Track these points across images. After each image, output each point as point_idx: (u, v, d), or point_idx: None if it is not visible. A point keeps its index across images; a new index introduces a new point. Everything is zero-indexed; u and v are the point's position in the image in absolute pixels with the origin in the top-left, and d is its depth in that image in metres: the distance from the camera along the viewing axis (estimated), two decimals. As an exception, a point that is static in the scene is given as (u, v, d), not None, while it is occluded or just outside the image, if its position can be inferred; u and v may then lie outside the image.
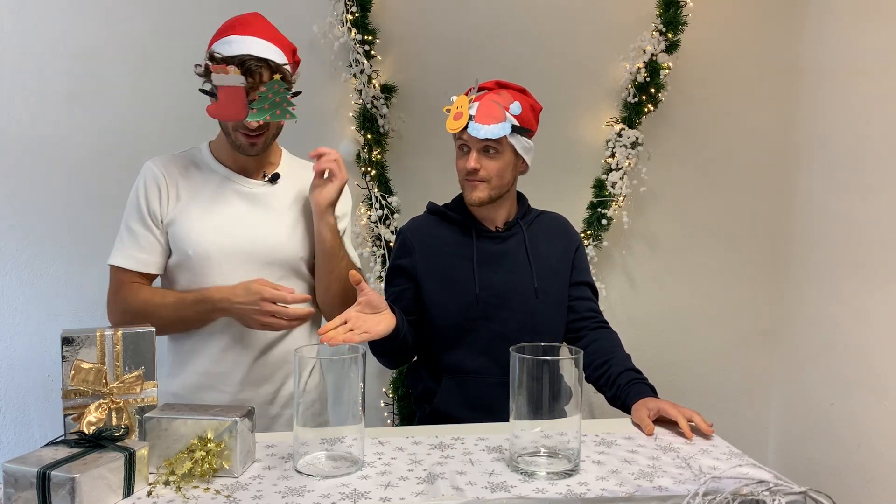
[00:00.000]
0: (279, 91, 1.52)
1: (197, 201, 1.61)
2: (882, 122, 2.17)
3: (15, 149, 2.30)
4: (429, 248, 1.76)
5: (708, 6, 2.49)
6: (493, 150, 1.65)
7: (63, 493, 1.04)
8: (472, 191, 1.68)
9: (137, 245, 1.61)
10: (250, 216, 1.63)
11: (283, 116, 1.54)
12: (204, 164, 1.66)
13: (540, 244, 1.76)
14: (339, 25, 2.34)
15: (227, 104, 1.51)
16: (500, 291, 1.70)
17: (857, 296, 2.27)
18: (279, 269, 1.63)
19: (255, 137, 1.57)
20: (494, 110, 1.62)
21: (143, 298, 1.60)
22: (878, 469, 2.17)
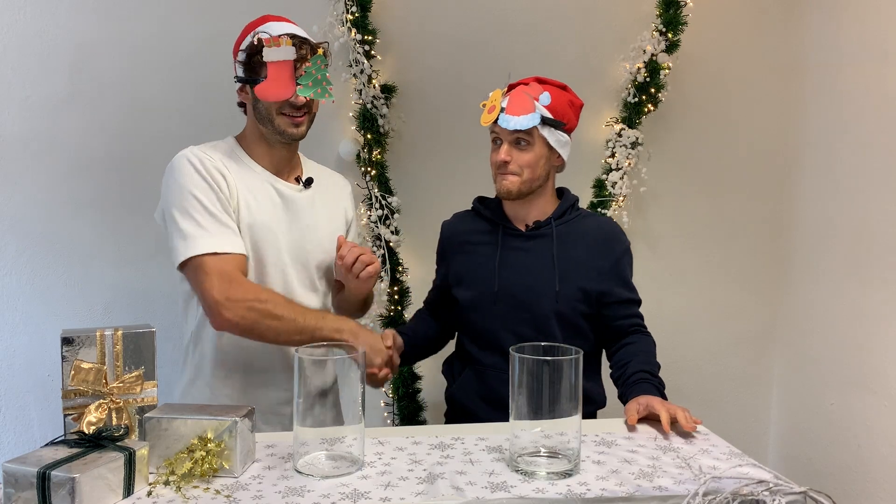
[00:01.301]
0: (321, 68, 1.56)
1: (252, 197, 1.59)
2: (882, 122, 2.17)
3: (15, 149, 2.30)
4: (458, 245, 1.82)
5: (708, 6, 2.49)
6: (524, 142, 1.65)
7: (63, 493, 1.04)
8: (503, 182, 1.68)
9: (224, 227, 1.50)
10: (294, 220, 1.64)
11: (325, 95, 1.57)
12: (241, 160, 1.63)
13: (573, 247, 1.70)
14: (339, 25, 2.34)
15: (278, 81, 1.53)
16: (519, 292, 1.69)
17: (857, 296, 2.27)
18: (320, 269, 1.68)
19: (299, 118, 1.58)
20: (524, 101, 1.63)
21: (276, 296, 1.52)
22: (878, 469, 2.17)
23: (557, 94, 1.67)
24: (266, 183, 1.63)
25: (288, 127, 1.59)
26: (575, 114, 1.73)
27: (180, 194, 1.50)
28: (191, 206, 1.49)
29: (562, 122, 1.68)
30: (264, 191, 1.62)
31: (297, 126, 1.59)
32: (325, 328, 1.52)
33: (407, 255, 2.47)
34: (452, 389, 1.80)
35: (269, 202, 1.62)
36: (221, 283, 1.45)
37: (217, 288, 1.45)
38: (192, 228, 1.48)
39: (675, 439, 1.41)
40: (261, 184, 1.62)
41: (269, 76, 1.53)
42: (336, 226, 1.75)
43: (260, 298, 1.48)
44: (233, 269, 1.48)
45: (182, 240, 1.48)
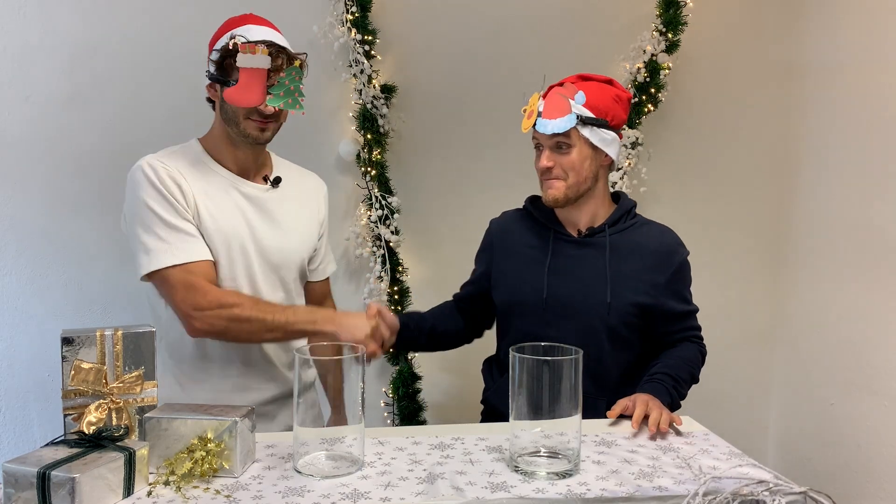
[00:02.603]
0: (295, 79, 1.55)
1: (211, 201, 1.58)
2: (882, 122, 2.17)
3: (15, 149, 2.30)
4: (507, 246, 1.76)
5: (708, 6, 2.49)
6: (564, 145, 1.59)
7: (63, 493, 1.04)
8: (549, 189, 1.63)
9: (186, 235, 1.52)
10: (259, 221, 1.63)
11: (295, 106, 1.56)
12: (203, 164, 1.62)
13: (628, 257, 1.63)
14: (339, 25, 2.34)
15: (249, 88, 1.51)
16: (568, 301, 1.62)
17: (858, 296, 2.27)
18: (289, 271, 1.67)
19: (266, 123, 1.57)
20: (560, 103, 1.58)
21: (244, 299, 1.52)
22: (878, 469, 2.17)
23: (596, 91, 1.60)
24: (229, 186, 1.62)
25: (253, 131, 1.57)
26: (623, 108, 1.65)
27: (138, 207, 1.52)
28: (149, 219, 1.50)
29: (603, 119, 1.60)
30: (226, 194, 1.60)
31: (262, 131, 1.58)
32: (298, 321, 1.53)
33: (407, 255, 2.47)
34: (489, 394, 1.76)
35: (231, 205, 1.60)
36: (187, 294, 1.48)
37: (183, 300, 1.49)
38: (152, 242, 1.49)
39: (675, 439, 1.41)
40: (223, 187, 1.61)
41: (241, 81, 1.51)
42: (309, 227, 1.72)
43: (225, 304, 1.49)
44: (196, 278, 1.49)
45: (145, 254, 1.50)
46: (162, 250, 1.49)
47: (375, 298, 2.46)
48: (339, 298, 1.99)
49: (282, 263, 1.65)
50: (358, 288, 2.50)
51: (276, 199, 1.67)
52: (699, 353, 1.72)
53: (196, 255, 1.51)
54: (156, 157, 1.57)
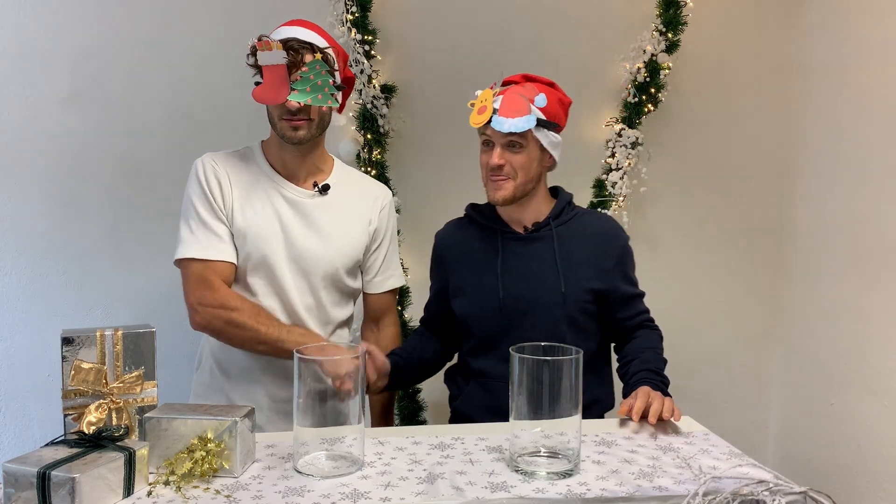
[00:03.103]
0: (320, 73, 1.54)
1: (251, 203, 1.63)
2: (882, 122, 2.17)
3: (15, 149, 2.30)
4: (455, 256, 1.77)
5: (708, 6, 2.49)
6: (517, 144, 1.60)
7: (63, 493, 1.04)
8: (497, 190, 1.63)
9: (211, 234, 1.60)
10: (298, 226, 1.65)
11: (325, 102, 1.55)
12: (254, 164, 1.68)
13: (574, 246, 1.68)
14: (339, 25, 2.34)
15: (270, 85, 1.53)
16: (526, 298, 1.65)
17: (858, 296, 2.27)
18: (321, 278, 1.68)
19: (297, 121, 1.57)
20: (519, 103, 1.58)
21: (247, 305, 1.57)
22: (878, 469, 2.17)
23: (550, 95, 1.64)
24: (273, 188, 1.66)
25: (287, 131, 1.59)
26: (565, 112, 1.70)
27: (185, 199, 1.64)
28: (188, 211, 1.62)
29: (557, 123, 1.65)
30: (267, 196, 1.64)
31: (294, 130, 1.59)
32: (289, 341, 1.55)
33: (407, 255, 2.47)
34: (457, 403, 1.75)
35: (269, 207, 1.64)
36: (197, 287, 1.57)
37: (193, 292, 1.57)
38: (185, 233, 1.61)
39: (675, 439, 1.41)
40: (265, 189, 1.65)
41: (264, 80, 1.54)
42: (353, 237, 1.72)
43: (228, 306, 1.55)
44: (211, 275, 1.57)
45: (179, 242, 1.61)
46: (189, 242, 1.59)
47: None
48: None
49: (313, 270, 1.66)
50: (358, 288, 2.50)
51: (321, 205, 1.68)
52: (659, 338, 1.74)
53: (217, 255, 1.59)
54: (210, 155, 1.66)
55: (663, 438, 1.41)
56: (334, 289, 1.72)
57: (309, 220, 1.66)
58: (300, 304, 1.67)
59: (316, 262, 1.66)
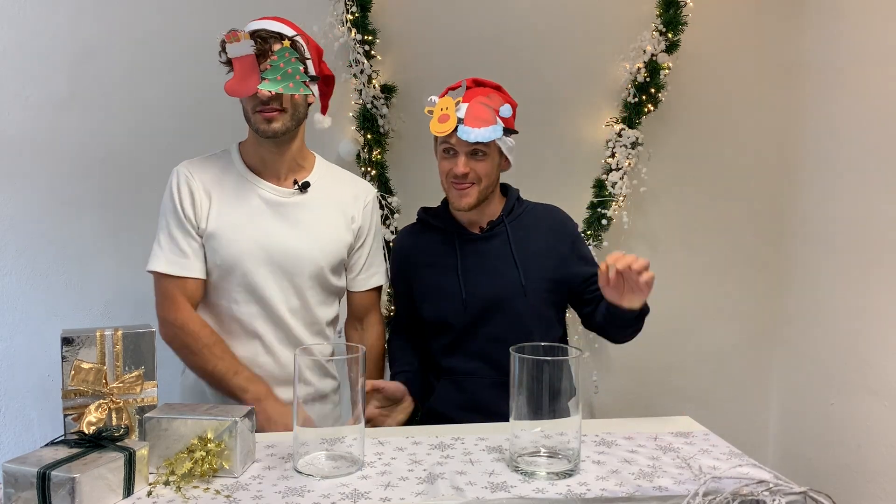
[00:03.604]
0: (290, 61, 1.53)
1: (226, 208, 1.62)
2: (883, 122, 2.17)
3: (15, 149, 2.30)
4: (414, 263, 1.78)
5: (708, 6, 2.49)
6: (481, 153, 1.63)
7: (63, 493, 1.04)
8: (462, 197, 1.66)
9: (178, 250, 1.61)
10: (276, 226, 1.64)
11: (297, 89, 1.54)
12: (234, 170, 1.66)
13: (529, 239, 1.72)
14: (339, 25, 2.34)
15: (241, 77, 1.52)
16: (488, 295, 1.68)
17: (858, 296, 2.27)
18: (306, 278, 1.66)
19: (271, 112, 1.56)
20: (484, 113, 1.60)
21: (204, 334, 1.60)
22: (878, 469, 2.17)
23: (510, 101, 1.67)
24: (251, 189, 1.64)
25: (261, 123, 1.57)
26: (514, 116, 1.71)
27: (160, 210, 1.66)
28: (161, 224, 1.65)
29: (513, 129, 1.67)
30: (245, 199, 1.63)
31: (269, 122, 1.57)
32: (233, 383, 1.58)
33: (407, 255, 2.47)
34: (430, 403, 1.75)
35: (245, 211, 1.62)
36: (163, 302, 1.62)
37: (159, 305, 1.63)
38: (156, 246, 1.63)
39: (675, 439, 1.41)
40: (243, 191, 1.63)
41: (234, 72, 1.53)
42: (337, 234, 1.70)
43: (186, 329, 1.59)
44: (176, 292, 1.61)
45: (151, 253, 1.64)
46: (158, 256, 1.62)
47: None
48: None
49: (297, 270, 1.64)
50: (358, 288, 2.50)
51: (301, 203, 1.67)
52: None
53: (182, 271, 1.61)
54: (186, 164, 1.66)
55: (663, 438, 1.41)
56: (320, 288, 1.70)
57: (290, 219, 1.65)
58: (284, 308, 1.64)
59: (299, 262, 1.64)
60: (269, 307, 1.63)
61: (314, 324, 1.71)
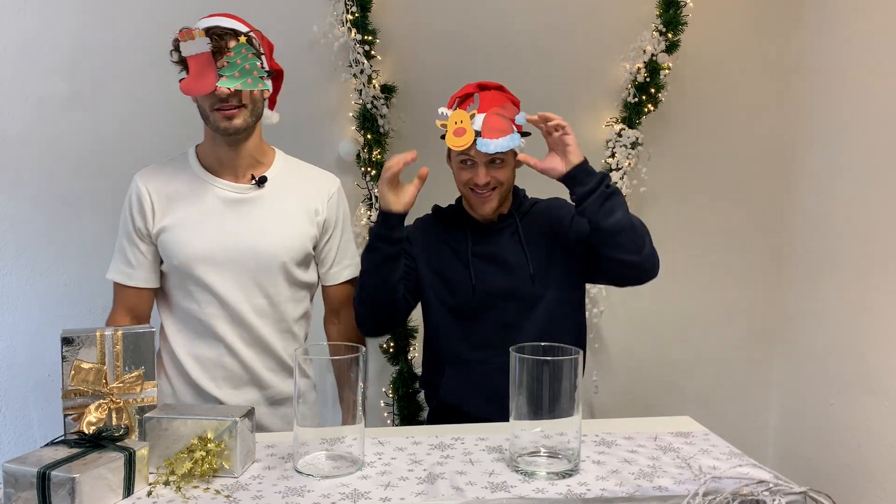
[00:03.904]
0: (247, 56, 1.51)
1: (182, 211, 1.61)
2: (882, 122, 2.17)
3: (15, 149, 2.30)
4: (428, 245, 1.79)
5: (708, 6, 2.49)
6: (499, 160, 1.66)
7: (63, 493, 1.04)
8: (484, 204, 1.68)
9: (125, 260, 1.66)
10: (234, 223, 1.61)
11: (255, 85, 1.52)
12: (189, 171, 1.65)
13: (535, 230, 1.75)
14: (339, 25, 2.34)
15: (197, 75, 1.50)
16: (498, 282, 1.70)
17: (857, 296, 2.27)
18: (269, 274, 1.63)
19: (230, 109, 1.53)
20: (501, 123, 1.62)
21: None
22: (878, 469, 2.17)
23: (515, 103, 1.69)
24: (206, 190, 1.62)
25: (221, 121, 1.55)
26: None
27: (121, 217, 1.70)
28: (119, 231, 1.69)
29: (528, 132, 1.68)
30: (199, 200, 1.61)
31: (229, 119, 1.54)
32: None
33: (407, 255, 2.47)
34: (441, 394, 1.75)
35: (199, 212, 1.61)
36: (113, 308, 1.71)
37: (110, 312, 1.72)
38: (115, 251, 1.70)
39: (675, 439, 1.41)
40: (198, 193, 1.62)
41: (190, 71, 1.51)
42: (299, 228, 1.67)
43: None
44: (118, 300, 1.69)
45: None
46: (112, 263, 1.69)
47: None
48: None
49: (257, 267, 1.61)
50: (358, 288, 2.50)
51: (260, 198, 1.64)
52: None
53: (126, 280, 1.66)
54: (140, 174, 1.67)
55: (663, 438, 1.41)
56: (286, 284, 1.66)
57: (247, 216, 1.62)
58: (246, 307, 1.61)
59: (260, 258, 1.61)
60: (229, 307, 1.61)
61: (281, 321, 1.67)
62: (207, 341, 1.62)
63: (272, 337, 1.66)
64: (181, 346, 1.64)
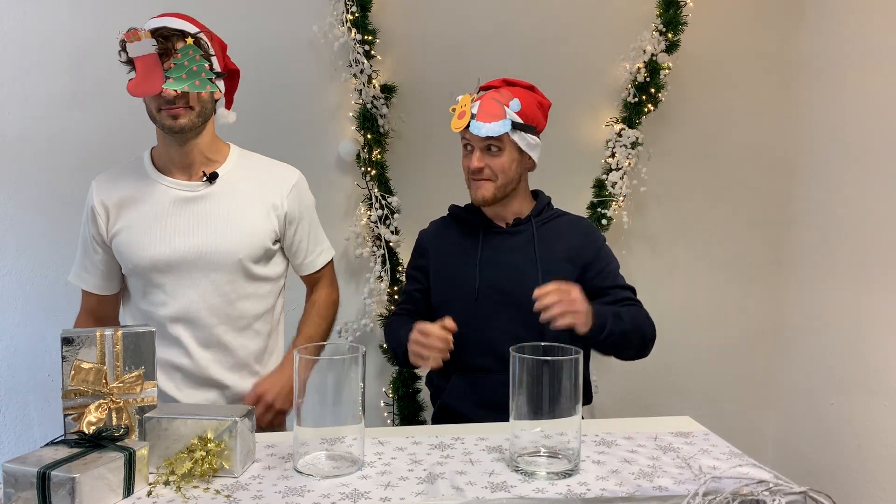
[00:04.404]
0: (195, 58, 1.50)
1: (133, 213, 1.61)
2: (882, 122, 2.17)
3: (15, 149, 2.30)
4: (439, 249, 1.79)
5: (708, 6, 2.49)
6: (495, 147, 1.65)
7: (63, 493, 1.04)
8: (477, 189, 1.69)
9: (82, 265, 1.69)
10: (186, 223, 1.60)
11: (203, 87, 1.52)
12: (142, 172, 1.65)
13: (553, 243, 1.72)
14: (339, 25, 2.34)
15: (144, 76, 1.49)
16: (503, 288, 1.68)
17: (857, 296, 2.27)
18: (225, 272, 1.61)
19: (176, 109, 1.53)
20: (494, 108, 1.63)
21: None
22: (878, 469, 2.17)
23: (527, 98, 1.67)
24: (159, 191, 1.61)
25: (167, 120, 1.54)
26: (544, 115, 1.74)
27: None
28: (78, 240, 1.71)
29: (532, 125, 1.68)
30: (152, 202, 1.61)
31: (175, 118, 1.54)
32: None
33: (407, 255, 2.46)
34: (444, 397, 1.75)
35: (151, 209, 1.60)
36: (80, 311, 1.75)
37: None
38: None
39: (675, 439, 1.41)
40: (150, 194, 1.61)
41: (137, 72, 1.50)
42: (256, 223, 1.64)
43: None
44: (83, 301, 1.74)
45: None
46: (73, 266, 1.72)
47: (375, 298, 2.46)
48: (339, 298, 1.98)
49: (211, 266, 1.60)
50: (358, 288, 2.50)
51: (211, 196, 1.62)
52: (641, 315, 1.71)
53: (82, 284, 1.71)
54: (96, 180, 1.68)
55: (663, 438, 1.41)
56: (244, 281, 1.64)
57: (199, 215, 1.60)
58: (200, 306, 1.60)
59: (213, 256, 1.59)
60: (183, 308, 1.60)
61: (240, 318, 1.64)
62: (163, 342, 1.59)
63: (228, 336, 1.63)
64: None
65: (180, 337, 1.60)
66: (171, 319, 1.60)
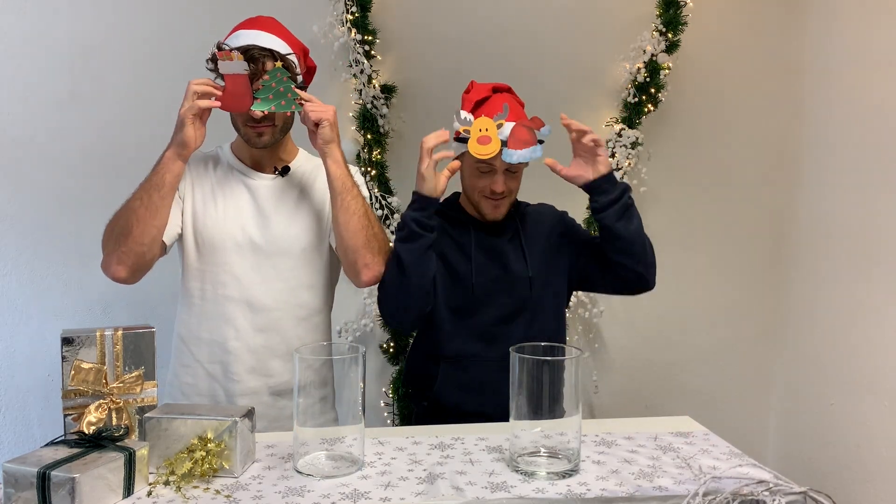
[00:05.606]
0: (282, 80, 1.54)
1: (206, 192, 1.66)
2: (882, 122, 2.17)
3: (15, 149, 2.30)
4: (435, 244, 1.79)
5: (708, 6, 2.49)
6: (514, 169, 1.70)
7: (63, 493, 1.04)
8: (496, 209, 1.72)
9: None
10: (253, 208, 1.66)
11: (288, 108, 1.55)
12: (222, 160, 1.72)
13: (534, 233, 1.79)
14: (339, 25, 2.34)
15: (233, 95, 1.53)
16: (497, 278, 1.73)
17: (857, 296, 2.27)
18: (286, 258, 1.66)
19: (262, 127, 1.60)
20: (526, 135, 1.65)
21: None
22: (878, 469, 2.17)
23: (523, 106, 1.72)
24: (238, 180, 1.68)
25: (252, 137, 1.62)
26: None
27: None
28: None
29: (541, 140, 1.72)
30: (231, 190, 1.67)
31: (259, 136, 1.61)
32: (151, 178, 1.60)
33: (407, 255, 2.47)
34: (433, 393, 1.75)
35: (231, 195, 1.66)
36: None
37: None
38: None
39: (675, 439, 1.41)
40: (231, 183, 1.68)
41: (227, 88, 1.54)
42: (312, 213, 1.71)
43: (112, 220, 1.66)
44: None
45: None
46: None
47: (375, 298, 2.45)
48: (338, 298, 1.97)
49: (275, 252, 1.65)
50: (358, 288, 2.50)
51: (282, 187, 1.70)
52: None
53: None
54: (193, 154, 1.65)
55: (663, 438, 1.42)
56: (307, 269, 1.69)
57: (271, 204, 1.67)
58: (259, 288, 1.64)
59: (276, 245, 1.65)
60: (244, 289, 1.63)
61: (301, 307, 1.69)
62: (218, 323, 1.64)
63: (290, 323, 1.67)
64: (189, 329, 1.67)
65: (235, 320, 1.63)
66: (229, 300, 1.63)
